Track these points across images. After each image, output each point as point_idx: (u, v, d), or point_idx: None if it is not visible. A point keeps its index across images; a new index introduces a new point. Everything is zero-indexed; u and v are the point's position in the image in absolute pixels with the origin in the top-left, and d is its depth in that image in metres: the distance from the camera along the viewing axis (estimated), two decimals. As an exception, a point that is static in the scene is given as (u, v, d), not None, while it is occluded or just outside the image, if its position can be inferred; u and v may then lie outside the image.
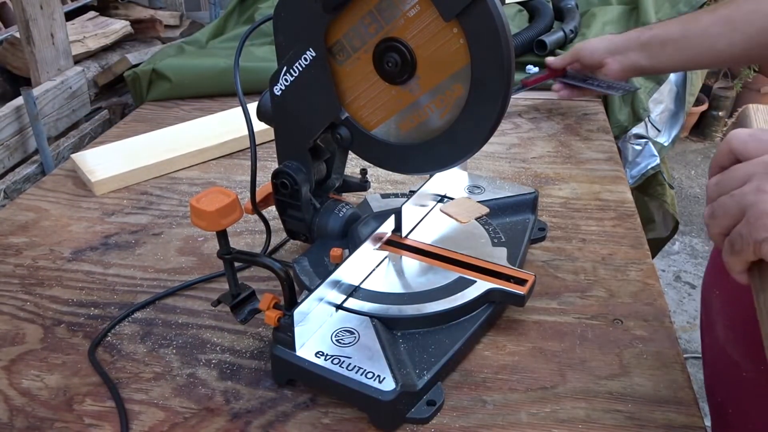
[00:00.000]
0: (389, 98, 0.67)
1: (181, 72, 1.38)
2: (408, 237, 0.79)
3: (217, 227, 0.61)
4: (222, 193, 0.61)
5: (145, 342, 0.72)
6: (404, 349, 0.65)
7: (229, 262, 0.65)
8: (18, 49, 1.56)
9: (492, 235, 0.81)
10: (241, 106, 0.72)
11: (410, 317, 0.68)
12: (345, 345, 0.64)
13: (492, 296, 0.70)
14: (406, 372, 0.62)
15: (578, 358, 0.68)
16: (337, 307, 0.69)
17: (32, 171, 1.40)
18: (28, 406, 0.64)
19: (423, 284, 0.72)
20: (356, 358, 0.62)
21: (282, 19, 0.67)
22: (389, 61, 0.64)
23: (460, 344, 0.66)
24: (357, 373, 0.61)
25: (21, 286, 0.82)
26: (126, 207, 0.99)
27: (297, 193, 0.74)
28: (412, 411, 0.61)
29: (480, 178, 0.93)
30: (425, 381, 0.62)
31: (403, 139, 0.69)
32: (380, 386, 0.59)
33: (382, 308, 0.68)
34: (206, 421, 0.62)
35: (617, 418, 0.61)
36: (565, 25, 1.47)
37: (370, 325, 0.66)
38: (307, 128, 0.72)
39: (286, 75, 0.69)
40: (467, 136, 0.65)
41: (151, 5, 2.21)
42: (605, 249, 0.85)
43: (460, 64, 0.62)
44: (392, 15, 0.62)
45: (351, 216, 0.78)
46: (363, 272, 0.73)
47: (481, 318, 0.69)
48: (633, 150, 1.35)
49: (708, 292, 0.79)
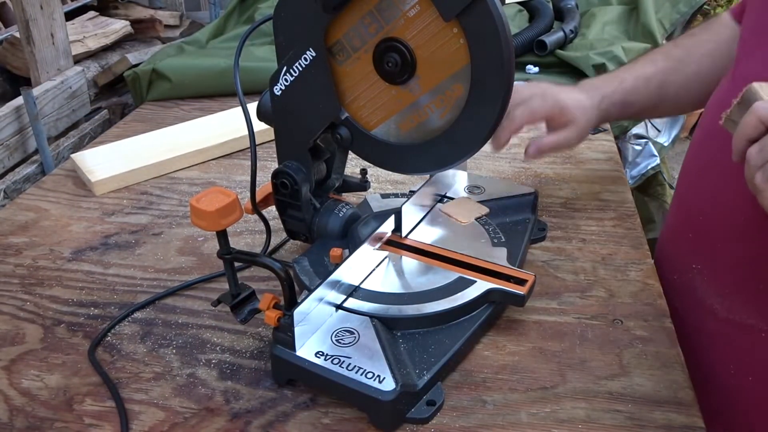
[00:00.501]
0: (389, 98, 0.67)
1: (181, 72, 1.38)
2: (408, 237, 0.79)
3: (217, 227, 0.61)
4: (222, 193, 0.61)
5: (145, 342, 0.72)
6: (404, 349, 0.65)
7: (229, 262, 0.65)
8: (18, 49, 1.56)
9: (492, 235, 0.81)
10: (241, 106, 0.72)
11: (410, 317, 0.68)
12: (345, 345, 0.64)
13: (492, 296, 0.70)
14: (406, 372, 0.62)
15: (578, 358, 0.68)
16: (337, 307, 0.69)
17: (32, 171, 1.40)
18: (28, 406, 0.64)
19: (423, 284, 0.72)
20: (356, 358, 0.62)
21: (282, 19, 0.67)
22: (389, 61, 0.64)
23: (460, 344, 0.66)
24: (357, 373, 0.60)
25: (21, 285, 0.82)
26: (126, 207, 0.99)
27: (297, 193, 0.74)
28: (412, 411, 0.61)
29: (480, 178, 0.93)
30: (425, 381, 0.62)
31: (403, 139, 0.69)
32: (380, 386, 0.59)
33: (382, 308, 0.68)
34: (206, 421, 0.62)
35: (617, 418, 0.61)
36: (565, 25, 1.47)
37: (370, 325, 0.66)
38: (307, 128, 0.72)
39: (286, 75, 0.69)
40: (467, 136, 0.65)
41: (151, 5, 2.21)
42: (605, 249, 0.85)
43: (460, 64, 0.62)
44: (392, 15, 0.62)
45: (351, 216, 0.78)
46: (363, 272, 0.73)
47: (481, 318, 0.69)
48: (633, 150, 1.36)
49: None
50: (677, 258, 0.83)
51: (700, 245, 0.78)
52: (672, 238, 0.87)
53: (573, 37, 1.47)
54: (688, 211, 0.82)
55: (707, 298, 0.77)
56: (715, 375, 0.76)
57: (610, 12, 1.59)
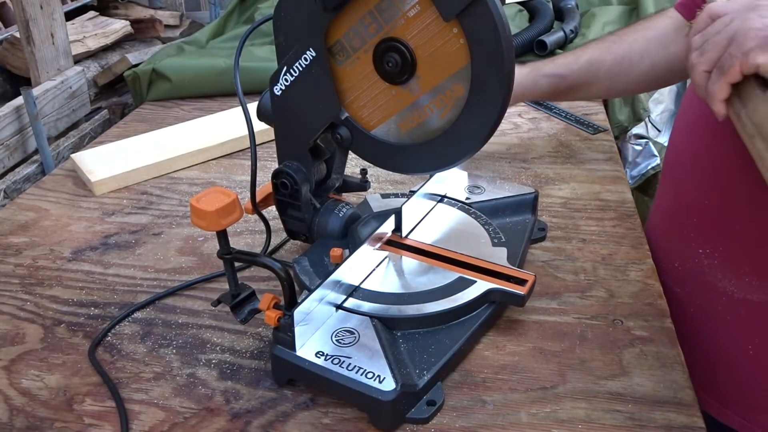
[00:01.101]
0: (389, 98, 0.67)
1: (181, 72, 1.38)
2: (408, 237, 0.79)
3: (217, 227, 0.61)
4: (222, 193, 0.61)
5: (145, 342, 0.72)
6: (404, 349, 0.65)
7: (229, 262, 0.65)
8: (18, 49, 1.56)
9: (492, 235, 0.81)
10: (242, 106, 0.72)
11: (410, 317, 0.68)
12: (345, 345, 0.64)
13: (492, 296, 0.70)
14: (407, 372, 0.62)
15: (578, 359, 0.68)
16: (337, 307, 0.69)
17: (32, 171, 1.40)
18: (28, 406, 0.64)
19: (423, 284, 0.72)
20: (356, 358, 0.62)
21: (282, 19, 0.67)
22: (389, 61, 0.64)
23: (460, 344, 0.66)
24: (357, 373, 0.60)
25: (21, 285, 0.82)
26: (126, 207, 0.99)
27: (297, 193, 0.74)
28: (412, 411, 0.61)
29: (480, 178, 0.93)
30: (425, 381, 0.62)
31: (403, 139, 0.69)
32: (380, 386, 0.59)
33: (382, 308, 0.68)
34: (206, 421, 0.62)
35: (617, 418, 0.61)
36: (565, 25, 1.47)
37: (370, 325, 0.66)
38: (307, 128, 0.72)
39: (286, 75, 0.69)
40: (468, 136, 0.65)
41: (151, 5, 2.22)
42: (605, 249, 0.85)
43: (461, 64, 0.62)
44: (392, 15, 0.62)
45: (351, 216, 0.78)
46: (363, 272, 0.73)
47: (481, 318, 0.69)
48: (633, 150, 1.35)
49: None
50: (678, 245, 0.84)
51: (707, 229, 0.79)
52: (667, 225, 0.87)
53: (573, 37, 1.47)
54: (685, 197, 0.82)
55: (719, 281, 0.77)
56: (728, 356, 0.77)
57: (610, 12, 1.59)
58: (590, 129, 1.18)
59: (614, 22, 1.55)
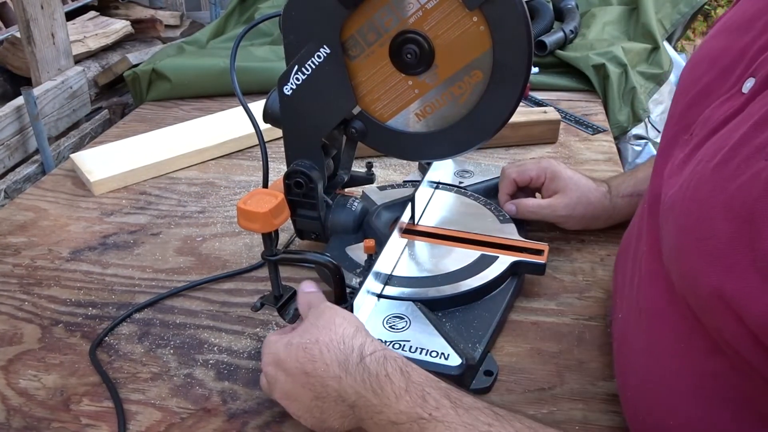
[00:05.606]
0: (405, 89, 0.67)
1: (181, 72, 1.38)
2: (418, 224, 0.81)
3: (270, 228, 0.60)
4: (267, 194, 0.60)
5: (143, 342, 0.72)
6: (450, 327, 0.67)
7: (273, 264, 0.64)
8: (18, 49, 1.56)
9: (496, 213, 0.83)
10: (242, 105, 0.72)
11: (450, 296, 0.70)
12: (399, 330, 0.66)
13: (516, 268, 0.73)
14: (462, 347, 0.64)
15: (576, 360, 0.68)
16: (378, 296, 0.70)
17: (33, 171, 1.40)
18: (26, 406, 0.64)
19: (450, 265, 0.74)
20: (415, 340, 0.64)
21: (293, 18, 0.66)
22: (408, 53, 0.64)
23: (499, 315, 0.70)
24: (422, 354, 0.63)
25: (19, 285, 0.82)
26: (125, 207, 0.99)
27: (312, 191, 0.74)
28: (474, 382, 0.63)
29: (467, 163, 0.96)
30: (480, 353, 0.64)
31: (420, 127, 0.69)
32: (448, 363, 0.62)
33: (421, 291, 0.70)
34: (203, 422, 0.62)
35: (614, 419, 0.61)
36: (565, 26, 1.47)
37: (416, 308, 0.68)
38: (319, 125, 0.71)
39: (297, 74, 0.69)
40: (487, 120, 0.66)
41: (152, 5, 2.22)
42: (603, 250, 0.84)
43: (480, 50, 0.62)
44: (409, 8, 0.62)
45: (363, 210, 0.80)
46: (392, 261, 0.74)
47: (510, 289, 0.73)
48: (633, 150, 1.35)
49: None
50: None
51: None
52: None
53: (573, 38, 1.47)
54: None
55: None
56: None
57: (610, 12, 1.59)
58: (590, 129, 1.18)
59: (614, 23, 1.55)
